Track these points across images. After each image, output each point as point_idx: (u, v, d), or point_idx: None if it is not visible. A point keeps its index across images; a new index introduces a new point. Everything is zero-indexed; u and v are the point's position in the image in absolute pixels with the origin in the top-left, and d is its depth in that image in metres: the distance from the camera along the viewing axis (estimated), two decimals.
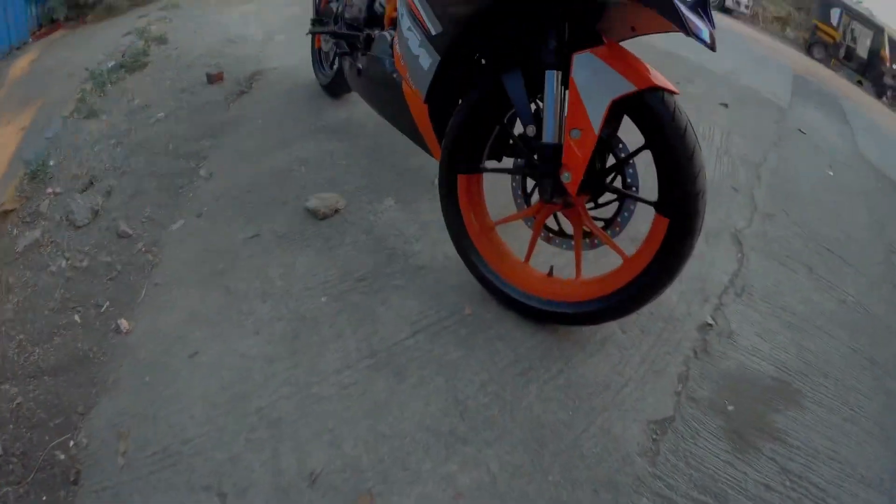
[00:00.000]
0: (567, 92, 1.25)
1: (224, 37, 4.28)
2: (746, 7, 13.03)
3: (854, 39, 13.17)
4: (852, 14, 13.63)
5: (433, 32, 1.43)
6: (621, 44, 1.28)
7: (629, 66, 1.20)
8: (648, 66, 1.23)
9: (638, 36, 1.34)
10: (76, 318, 1.60)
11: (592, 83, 1.20)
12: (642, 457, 1.21)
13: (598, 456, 1.20)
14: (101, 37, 4.92)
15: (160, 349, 1.47)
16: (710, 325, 1.61)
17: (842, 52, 13.04)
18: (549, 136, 1.29)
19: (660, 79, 1.20)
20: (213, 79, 3.25)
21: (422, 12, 1.46)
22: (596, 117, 1.20)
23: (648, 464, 1.20)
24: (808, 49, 13.04)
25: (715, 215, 2.18)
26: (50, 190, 2.15)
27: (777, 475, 1.24)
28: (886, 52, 12.75)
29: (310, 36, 2.96)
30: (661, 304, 1.61)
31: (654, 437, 1.26)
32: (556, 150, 1.28)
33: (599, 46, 1.22)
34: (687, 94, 3.71)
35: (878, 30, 13.42)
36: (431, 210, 1.60)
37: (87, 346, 1.51)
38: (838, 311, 1.88)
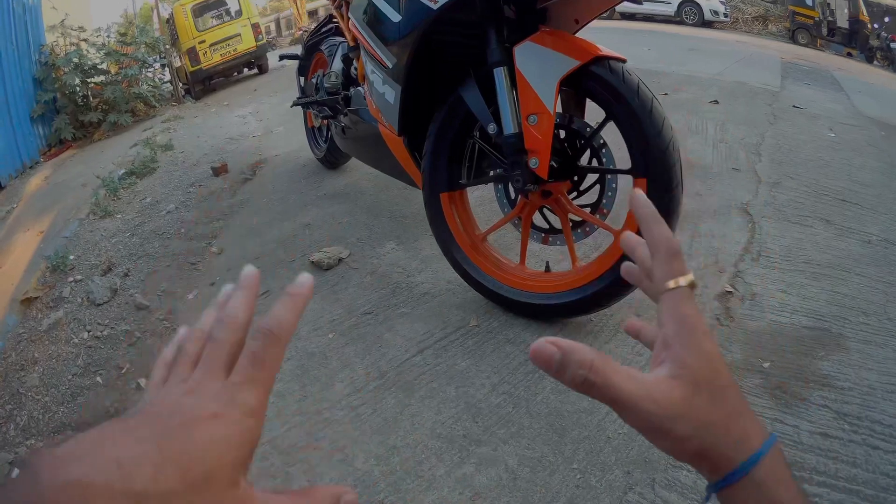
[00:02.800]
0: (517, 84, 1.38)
1: (226, 136, 4.80)
2: (725, 15, 13.50)
3: (832, 12, 13.03)
4: None
5: (389, 66, 1.61)
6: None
7: (570, 44, 1.32)
8: (591, 42, 1.33)
9: (584, 26, 1.50)
10: (98, 379, 1.77)
11: (537, 68, 1.33)
12: None
13: (627, 436, 1.22)
14: (111, 151, 5.51)
15: None
16: (730, 292, 1.66)
17: (824, 30, 13.04)
18: (508, 128, 1.41)
19: (604, 50, 1.31)
20: (218, 171, 3.64)
21: (377, 50, 1.65)
22: (548, 99, 1.31)
23: None
24: (792, 37, 13.22)
25: (719, 194, 2.27)
26: (71, 278, 2.42)
27: (833, 421, 1.22)
28: (865, 14, 12.65)
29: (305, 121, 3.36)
30: None
31: None
32: (517, 137, 1.39)
33: (536, 33, 1.36)
34: (677, 99, 4.01)
35: None
36: (432, 246, 1.74)
37: (108, 402, 1.67)
38: (865, 252, 1.92)
